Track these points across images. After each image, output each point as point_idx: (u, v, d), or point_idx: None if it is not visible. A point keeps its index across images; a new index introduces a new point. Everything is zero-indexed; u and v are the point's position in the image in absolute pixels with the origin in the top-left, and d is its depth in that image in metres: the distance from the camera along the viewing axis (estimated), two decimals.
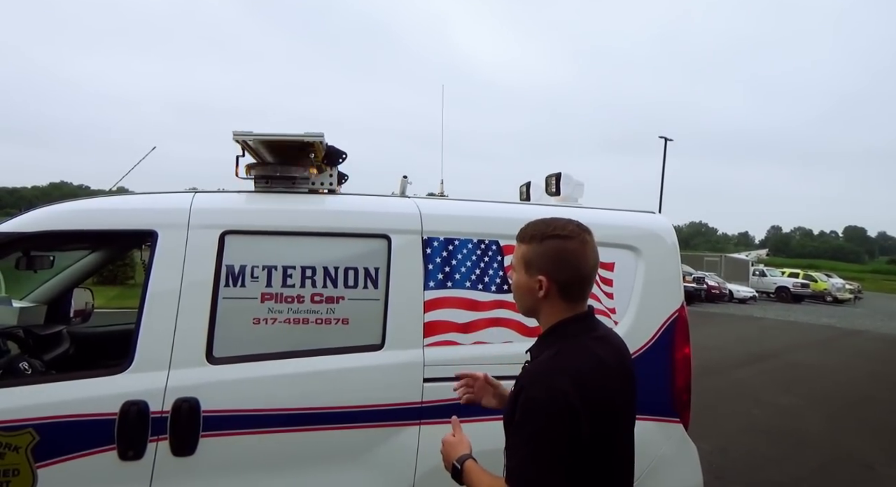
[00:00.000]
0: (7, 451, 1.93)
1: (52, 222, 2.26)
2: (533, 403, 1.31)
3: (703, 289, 24.53)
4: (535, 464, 1.28)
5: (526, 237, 1.49)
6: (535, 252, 1.45)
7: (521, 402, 1.34)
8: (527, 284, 1.47)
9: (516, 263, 1.51)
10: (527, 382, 1.36)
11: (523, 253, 1.48)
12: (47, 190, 73.48)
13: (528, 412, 1.31)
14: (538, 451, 1.29)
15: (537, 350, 1.50)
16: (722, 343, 12.72)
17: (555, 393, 1.30)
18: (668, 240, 2.73)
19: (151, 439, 2.04)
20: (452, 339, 2.38)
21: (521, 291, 1.51)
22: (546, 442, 1.29)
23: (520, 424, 1.33)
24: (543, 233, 1.45)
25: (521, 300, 1.54)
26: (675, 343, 2.57)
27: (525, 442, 1.31)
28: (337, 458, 2.21)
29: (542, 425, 1.29)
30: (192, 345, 2.14)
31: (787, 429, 6.48)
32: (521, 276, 1.49)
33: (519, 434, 1.33)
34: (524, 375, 1.42)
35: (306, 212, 2.43)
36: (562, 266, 1.43)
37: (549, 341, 1.46)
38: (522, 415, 1.32)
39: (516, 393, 1.38)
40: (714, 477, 4.34)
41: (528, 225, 1.52)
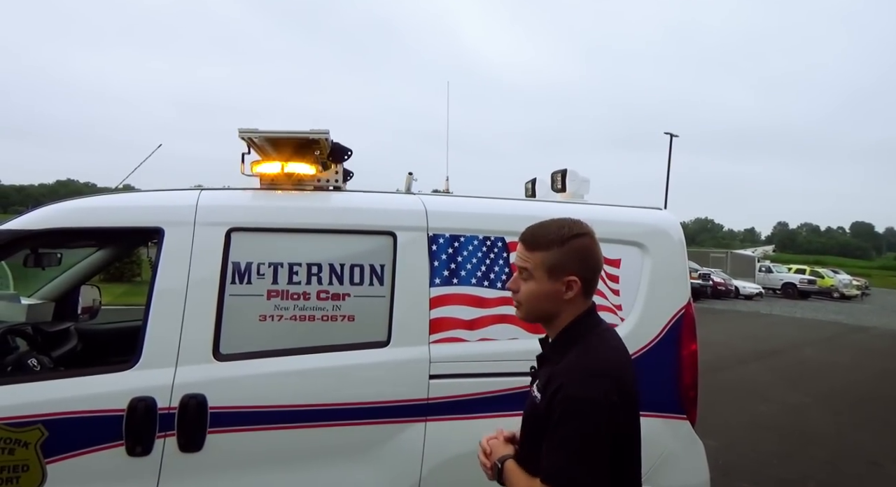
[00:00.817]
0: (16, 447, 1.94)
1: (59, 219, 2.26)
2: (575, 402, 1.30)
3: (709, 286, 24.45)
4: (580, 463, 1.28)
5: (543, 243, 1.45)
6: (560, 255, 1.44)
7: (561, 401, 1.31)
8: (550, 290, 1.45)
9: (536, 271, 1.46)
10: (566, 381, 1.34)
11: (544, 259, 1.44)
12: (54, 188, 73.92)
13: (570, 411, 1.30)
14: (582, 450, 1.28)
15: (560, 350, 1.46)
16: (728, 339, 12.67)
17: (597, 390, 1.30)
18: (674, 237, 2.72)
19: (159, 435, 2.05)
20: (458, 336, 2.38)
21: (541, 298, 1.47)
22: (590, 441, 1.28)
23: (560, 423, 1.30)
24: (563, 236, 1.44)
25: (538, 307, 1.49)
26: (681, 339, 2.56)
27: (566, 442, 1.29)
28: (343, 454, 2.22)
29: (586, 423, 1.29)
30: (199, 342, 2.15)
31: (793, 426, 6.46)
32: (543, 284, 1.45)
33: (559, 434, 1.31)
34: (560, 375, 1.37)
35: (312, 209, 2.43)
36: (588, 263, 1.46)
37: (571, 338, 1.46)
38: (563, 414, 1.30)
39: (553, 393, 1.34)
40: (721, 474, 4.34)
41: (538, 231, 1.49)
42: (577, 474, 1.27)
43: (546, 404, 1.36)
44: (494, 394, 2.33)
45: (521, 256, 1.50)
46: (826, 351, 12.23)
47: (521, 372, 2.00)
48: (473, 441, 2.23)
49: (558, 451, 1.30)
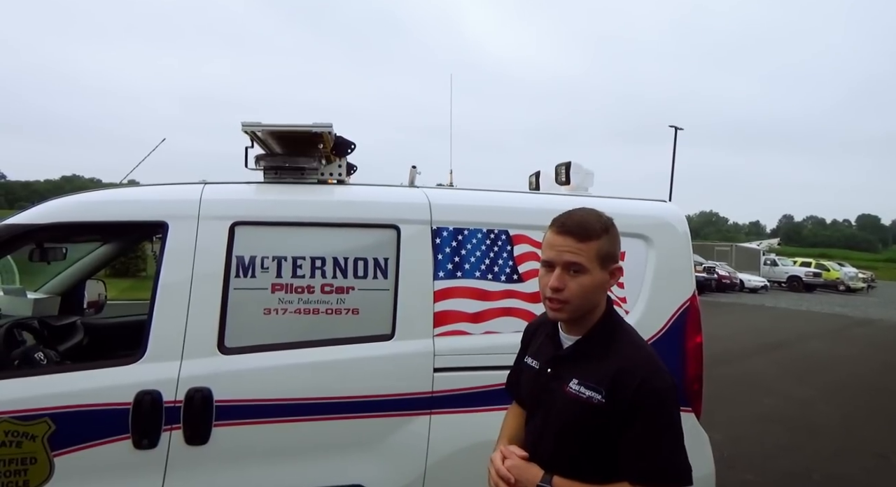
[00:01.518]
0: (24, 440, 1.96)
1: (64, 214, 2.27)
2: (663, 394, 1.32)
3: (714, 279, 24.38)
4: (682, 453, 1.31)
5: (595, 232, 1.39)
6: (609, 243, 1.42)
7: (648, 396, 1.31)
8: (602, 280, 1.41)
9: (589, 262, 1.38)
10: (647, 374, 1.33)
11: (598, 249, 1.39)
12: (59, 183, 74.17)
13: (661, 403, 1.32)
14: (679, 439, 1.31)
15: (602, 343, 1.43)
16: (733, 333, 12.65)
17: (670, 379, 1.34)
18: (679, 229, 2.70)
19: (165, 428, 2.06)
20: (462, 329, 2.38)
21: (595, 291, 1.41)
22: (680, 429, 1.32)
23: (653, 418, 1.31)
24: (606, 223, 1.44)
25: (590, 300, 1.42)
26: (686, 332, 2.56)
27: (666, 433, 1.30)
28: (348, 447, 2.23)
29: (675, 413, 1.33)
30: (204, 336, 2.15)
31: (799, 419, 6.45)
32: (598, 274, 1.40)
33: (655, 429, 1.31)
34: (630, 370, 1.33)
35: (315, 203, 2.43)
36: (619, 249, 1.47)
37: (611, 330, 1.45)
38: (655, 408, 1.31)
39: (637, 386, 1.31)
40: (726, 467, 4.33)
41: (583, 220, 1.41)
42: (683, 464, 1.30)
43: (628, 401, 1.31)
44: (499, 387, 2.32)
45: (569, 250, 1.38)
46: (832, 343, 12.20)
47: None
48: (478, 434, 2.25)
49: (659, 447, 1.29)
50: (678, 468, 1.29)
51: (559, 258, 1.40)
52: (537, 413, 1.55)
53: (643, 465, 1.30)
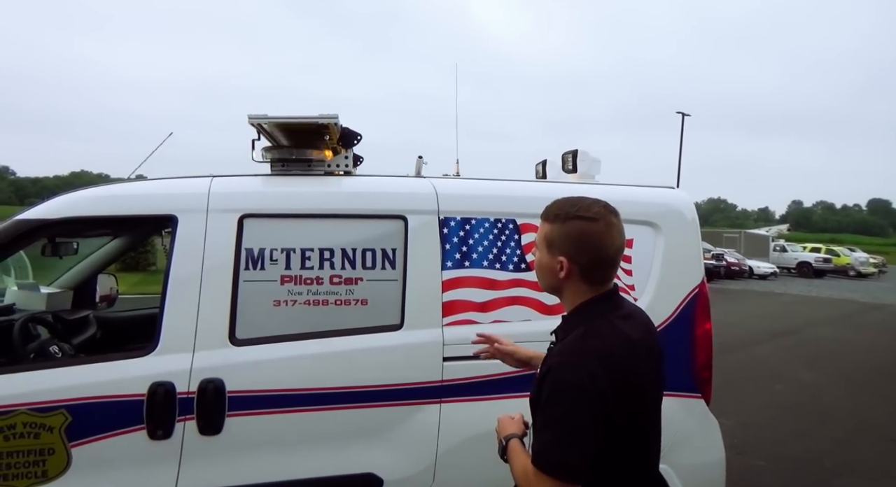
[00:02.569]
0: (42, 431, 1.99)
1: (75, 209, 2.29)
2: (560, 385, 1.30)
3: (723, 266, 24.25)
4: (562, 446, 1.28)
5: (550, 216, 1.45)
6: (558, 232, 1.42)
7: (548, 384, 1.32)
8: (549, 264, 1.45)
9: (539, 241, 1.48)
10: (554, 364, 1.34)
11: (546, 232, 1.45)
12: (69, 179, 74.67)
13: (555, 394, 1.30)
14: (564, 433, 1.28)
15: (563, 331, 1.47)
16: (742, 319, 12.61)
17: (582, 375, 1.28)
18: (687, 216, 2.69)
19: (179, 419, 2.09)
20: (471, 318, 2.38)
21: (544, 270, 1.48)
22: (571, 425, 1.28)
23: (546, 406, 1.32)
24: (567, 214, 1.41)
25: (543, 279, 1.51)
26: (695, 318, 2.55)
27: (551, 424, 1.30)
28: (360, 436, 2.25)
29: (569, 407, 1.28)
30: (215, 328, 2.17)
31: (809, 405, 6.44)
32: (544, 255, 1.46)
33: (545, 416, 1.32)
34: (551, 356, 1.40)
35: (323, 195, 2.44)
36: (583, 248, 1.39)
37: (575, 322, 1.43)
38: (549, 397, 1.31)
39: (543, 375, 1.36)
40: (736, 453, 4.34)
41: (554, 203, 1.47)
42: (563, 457, 1.27)
43: (538, 384, 1.38)
44: (508, 376, 2.34)
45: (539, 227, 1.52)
46: (842, 329, 12.13)
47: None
48: (488, 422, 2.25)
49: (545, 431, 1.31)
50: (554, 459, 1.28)
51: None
52: None
53: (534, 445, 1.34)
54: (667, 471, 2.39)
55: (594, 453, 1.29)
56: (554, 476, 1.27)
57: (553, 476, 1.27)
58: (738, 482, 3.95)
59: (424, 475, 2.27)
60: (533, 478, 1.31)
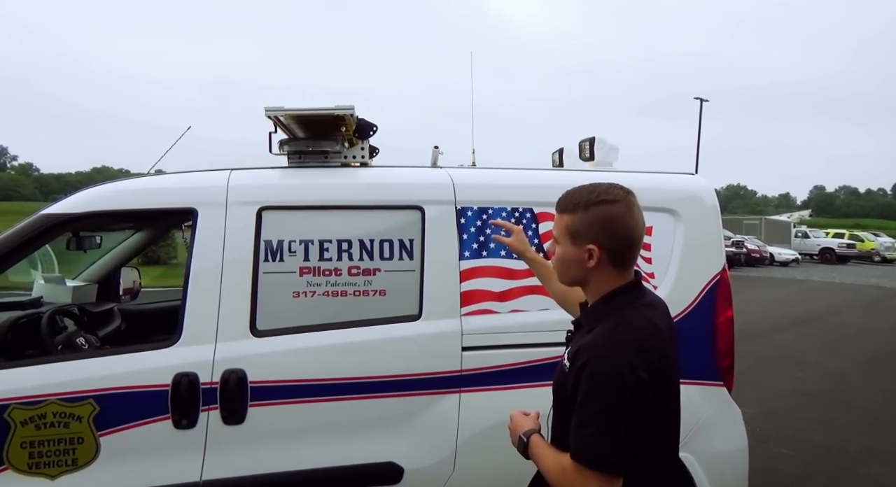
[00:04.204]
0: (71, 421, 2.05)
1: (97, 203, 2.33)
2: (600, 378, 1.28)
3: (743, 253, 23.92)
4: (606, 440, 1.26)
5: (569, 206, 1.41)
6: (582, 220, 1.39)
7: (588, 378, 1.29)
8: (575, 255, 1.41)
9: (559, 235, 1.44)
10: (592, 357, 1.31)
11: (568, 223, 1.41)
12: (90, 175, 75.94)
13: (595, 387, 1.28)
14: (609, 427, 1.27)
15: (590, 321, 1.44)
16: (764, 307, 12.44)
17: (623, 367, 1.27)
18: (707, 202, 2.66)
19: (203, 409, 2.12)
20: (489, 308, 2.38)
21: (568, 263, 1.44)
22: (617, 418, 1.27)
23: (587, 400, 1.29)
24: (588, 200, 1.38)
25: (566, 272, 1.47)
26: (717, 306, 2.53)
27: (592, 419, 1.28)
28: (380, 426, 2.27)
29: (610, 400, 1.27)
30: (236, 319, 2.20)
31: (833, 392, 6.35)
32: (568, 248, 1.42)
33: (585, 411, 1.29)
34: (587, 349, 1.35)
35: (340, 186, 2.45)
36: (612, 232, 1.38)
37: (603, 311, 1.41)
38: (590, 391, 1.29)
39: (579, 368, 1.32)
40: (758, 441, 4.29)
41: (569, 193, 1.44)
42: (608, 450, 1.26)
43: (573, 377, 1.34)
44: (527, 365, 2.34)
45: (554, 219, 1.49)
46: (866, 316, 11.91)
47: (554, 343, 2.01)
48: (507, 412, 2.25)
49: (586, 427, 1.28)
50: (598, 453, 1.26)
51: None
52: None
53: (573, 440, 1.31)
54: (689, 460, 2.38)
55: (631, 447, 1.28)
56: (600, 471, 1.26)
57: (599, 470, 1.26)
58: (762, 470, 3.92)
59: (445, 464, 2.29)
60: (574, 475, 1.29)
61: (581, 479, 1.28)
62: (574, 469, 1.29)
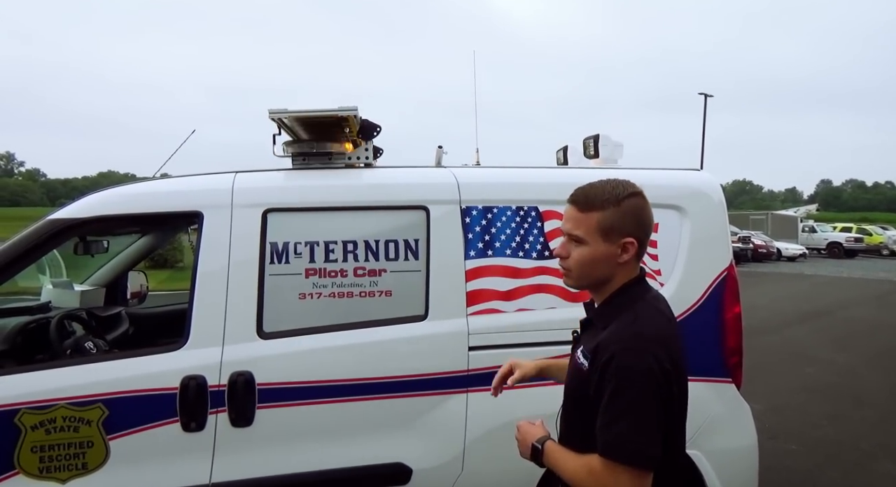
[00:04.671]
0: (81, 425, 2.06)
1: (104, 207, 2.34)
2: (628, 372, 1.27)
3: (750, 249, 23.78)
4: (640, 435, 1.26)
5: (597, 203, 1.37)
6: (615, 215, 1.37)
7: (615, 371, 1.28)
8: (606, 252, 1.38)
9: (587, 234, 1.38)
10: (618, 351, 1.30)
11: (599, 220, 1.37)
12: (97, 179, 76.39)
13: (627, 380, 1.27)
14: (641, 421, 1.26)
15: (604, 318, 1.42)
16: (771, 302, 12.38)
17: (649, 359, 1.27)
18: (713, 198, 2.64)
19: (211, 411, 2.13)
20: (496, 307, 2.38)
21: (598, 262, 1.39)
22: (648, 411, 1.27)
23: (616, 395, 1.27)
24: (618, 195, 1.38)
25: (593, 271, 1.41)
26: (724, 302, 2.51)
27: (623, 414, 1.27)
28: (388, 427, 2.27)
29: (640, 393, 1.26)
30: (243, 321, 2.21)
31: (843, 387, 6.31)
32: (599, 246, 1.38)
33: (616, 406, 1.28)
34: (610, 344, 1.33)
35: (344, 187, 2.45)
36: (642, 225, 1.41)
37: (617, 307, 1.40)
38: (619, 385, 1.27)
39: (604, 364, 1.30)
40: (767, 438, 4.27)
41: (590, 190, 1.40)
42: (641, 444, 1.25)
43: (598, 374, 1.32)
44: None
45: (572, 219, 1.41)
46: (875, 310, 11.83)
47: (561, 341, 2.00)
48: (515, 411, 2.25)
49: (618, 422, 1.27)
50: (634, 448, 1.25)
51: (563, 227, 1.45)
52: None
53: (604, 438, 1.29)
54: (698, 457, 2.37)
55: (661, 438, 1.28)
56: (634, 466, 1.26)
57: (634, 466, 1.26)
58: (772, 466, 3.90)
59: (453, 464, 2.29)
60: (605, 474, 1.27)
61: (613, 477, 1.27)
62: (605, 468, 1.28)
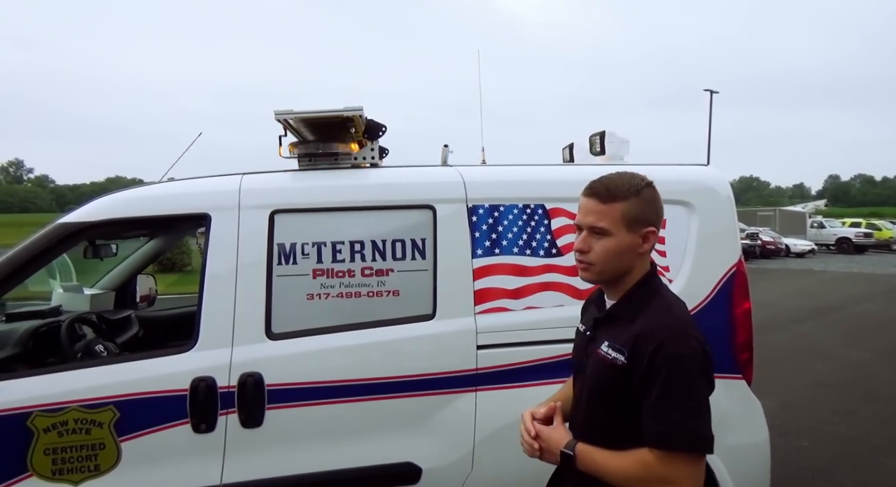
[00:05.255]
0: (92, 427, 2.07)
1: (113, 210, 2.35)
2: (683, 360, 1.28)
3: (758, 245, 23.69)
4: (699, 420, 1.27)
5: (620, 193, 1.37)
6: (638, 205, 1.38)
7: (666, 361, 1.27)
8: (630, 243, 1.38)
9: (612, 225, 1.37)
10: (665, 339, 1.29)
11: (624, 210, 1.37)
12: (105, 185, 76.85)
13: (679, 367, 1.27)
14: (699, 406, 1.27)
15: (631, 310, 1.40)
16: (780, 298, 12.30)
17: (695, 345, 1.30)
18: (721, 193, 2.63)
19: (221, 412, 2.14)
20: (503, 306, 2.38)
21: (622, 252, 1.39)
22: (703, 396, 1.29)
23: (670, 383, 1.26)
24: (637, 185, 1.39)
25: (617, 263, 1.40)
26: (734, 298, 2.50)
27: (682, 400, 1.26)
28: (397, 426, 2.27)
29: (693, 379, 1.28)
30: (252, 323, 2.22)
31: (854, 383, 6.26)
32: (624, 236, 1.37)
33: (671, 394, 1.26)
34: (653, 333, 1.31)
35: (351, 188, 2.45)
36: (660, 213, 1.43)
37: (646, 295, 1.41)
38: (672, 373, 1.27)
39: (652, 354, 1.29)
40: (778, 434, 4.25)
41: (610, 183, 1.40)
42: (701, 430, 1.26)
43: (645, 364, 1.29)
44: (543, 362, 2.33)
45: (593, 211, 1.39)
46: (886, 305, 11.72)
47: (569, 340, 1.98)
48: (524, 409, 2.26)
49: (675, 410, 1.26)
50: (695, 433, 1.25)
51: (584, 220, 1.42)
52: (578, 376, 1.55)
53: (660, 429, 1.27)
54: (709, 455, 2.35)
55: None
56: (697, 452, 1.27)
57: (696, 452, 1.27)
58: (784, 463, 3.88)
59: (463, 463, 2.28)
60: (662, 466, 1.26)
61: (672, 467, 1.26)
62: (662, 459, 1.27)
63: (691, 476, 1.27)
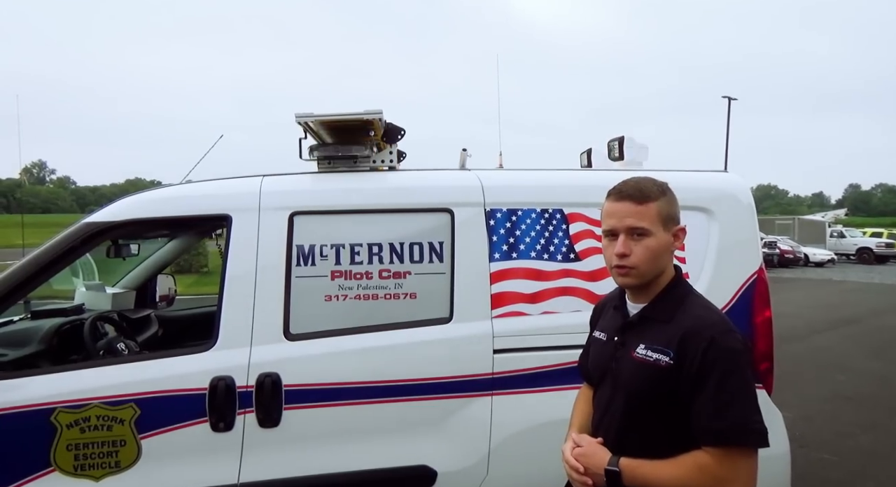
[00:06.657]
0: (114, 424, 2.10)
1: (135, 211, 2.39)
2: (736, 355, 1.30)
3: (776, 254, 23.41)
4: (755, 412, 1.29)
5: (653, 193, 1.40)
6: (669, 204, 1.42)
7: (719, 356, 1.28)
8: (667, 242, 1.41)
9: (652, 224, 1.38)
10: (716, 336, 1.30)
11: (660, 209, 1.39)
12: (125, 186, 78.02)
13: (732, 363, 1.29)
14: (754, 400, 1.29)
15: (666, 311, 1.41)
16: (799, 308, 12.09)
17: (741, 339, 1.33)
18: (742, 200, 2.60)
19: (239, 412, 2.16)
20: (521, 310, 2.37)
21: (662, 252, 1.41)
22: (751, 389, 1.31)
23: (725, 380, 1.27)
24: (662, 185, 1.44)
25: (658, 263, 1.41)
26: (754, 306, 2.46)
27: (738, 396, 1.28)
28: (413, 429, 2.27)
29: (744, 373, 1.31)
30: (271, 323, 2.23)
31: (876, 395, 6.13)
32: (662, 235, 1.39)
33: (726, 390, 1.27)
34: (700, 331, 1.31)
35: (369, 190, 2.47)
36: (679, 211, 1.46)
37: (681, 294, 1.45)
38: (727, 369, 1.28)
39: (704, 351, 1.29)
40: (798, 446, 4.17)
41: (638, 185, 1.41)
42: (758, 423, 1.28)
43: (696, 363, 1.29)
44: (560, 367, 2.32)
45: (632, 213, 1.38)
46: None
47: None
48: (541, 414, 2.25)
49: (731, 407, 1.26)
50: (754, 428, 1.26)
51: (621, 224, 1.40)
52: (605, 383, 1.53)
53: (720, 425, 1.26)
54: None
55: None
56: (756, 446, 1.28)
57: (756, 446, 1.28)
58: (804, 476, 3.81)
59: (478, 467, 2.28)
60: (721, 466, 1.26)
61: (731, 466, 1.26)
62: (721, 458, 1.26)
63: (750, 472, 1.27)
